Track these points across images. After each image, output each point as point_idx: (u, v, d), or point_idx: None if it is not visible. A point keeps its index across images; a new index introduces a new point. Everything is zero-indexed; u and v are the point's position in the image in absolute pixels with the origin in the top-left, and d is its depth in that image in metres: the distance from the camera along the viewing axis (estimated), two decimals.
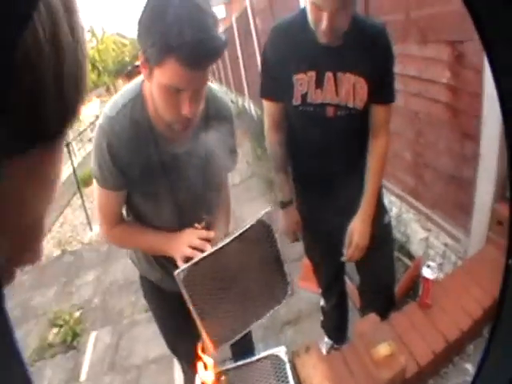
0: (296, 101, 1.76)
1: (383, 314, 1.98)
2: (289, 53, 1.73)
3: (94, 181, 1.50)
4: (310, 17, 1.61)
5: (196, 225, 1.49)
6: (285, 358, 1.58)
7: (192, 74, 1.17)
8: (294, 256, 4.08)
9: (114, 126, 1.37)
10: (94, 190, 1.54)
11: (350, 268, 2.45)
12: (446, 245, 2.83)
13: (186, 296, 1.31)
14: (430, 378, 1.83)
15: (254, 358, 1.63)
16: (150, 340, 3.70)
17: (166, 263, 1.73)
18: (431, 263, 1.94)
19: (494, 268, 2.05)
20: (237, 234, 1.34)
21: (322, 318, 2.77)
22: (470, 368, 1.83)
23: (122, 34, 40.22)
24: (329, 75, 1.70)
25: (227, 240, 1.34)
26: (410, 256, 3.33)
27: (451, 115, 2.53)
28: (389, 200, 3.50)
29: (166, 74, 1.18)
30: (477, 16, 0.44)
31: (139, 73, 1.41)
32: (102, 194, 1.51)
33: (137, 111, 1.40)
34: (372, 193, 1.87)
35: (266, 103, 1.92)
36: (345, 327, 2.65)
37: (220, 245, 1.33)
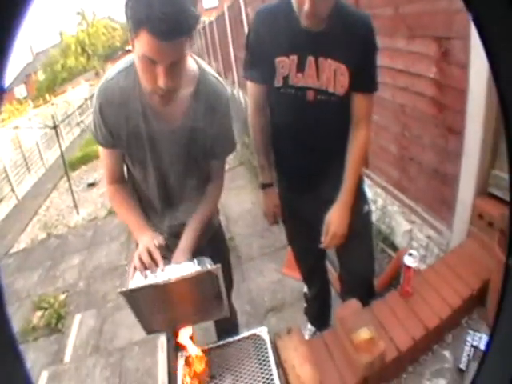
0: (278, 82, 1.78)
1: (363, 303, 2.02)
2: (272, 35, 1.75)
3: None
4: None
5: (154, 241, 1.53)
6: (266, 338, 1.61)
7: (162, 46, 1.22)
8: (279, 244, 4.15)
9: (107, 89, 1.48)
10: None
11: (333, 254, 2.48)
12: (429, 237, 2.89)
13: (126, 302, 1.41)
14: (409, 365, 1.86)
15: (235, 338, 1.67)
16: (134, 324, 3.72)
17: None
18: (413, 252, 1.96)
19: (474, 261, 2.12)
20: (182, 277, 1.39)
21: (305, 304, 2.82)
22: (449, 355, 1.88)
23: (113, 18, 39.76)
24: (310, 59, 1.71)
25: (172, 279, 1.39)
26: (394, 247, 3.38)
27: (437, 110, 2.57)
28: (374, 192, 3.55)
29: (140, 45, 1.25)
30: (477, 17, 0.46)
31: None
32: (101, 150, 1.65)
33: (129, 79, 1.47)
34: (351, 182, 1.88)
35: (249, 85, 1.94)
36: (327, 314, 2.69)
37: (163, 281, 1.39)
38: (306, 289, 2.73)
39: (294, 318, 3.08)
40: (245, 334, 1.68)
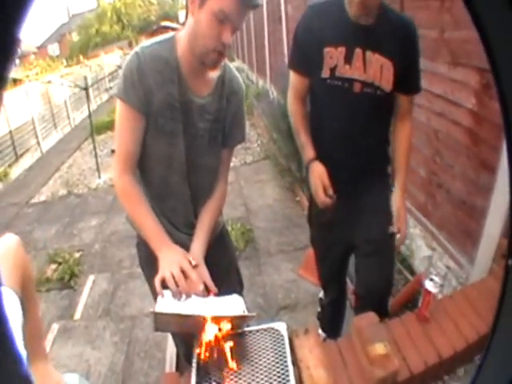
0: (325, 73, 1.83)
1: None
2: (322, 26, 1.83)
3: (118, 105, 1.57)
4: None
5: (191, 259, 1.52)
6: (284, 334, 1.61)
7: (241, 7, 1.41)
8: (297, 244, 4.21)
9: (146, 53, 1.52)
10: (117, 121, 1.60)
11: (351, 267, 2.48)
12: (448, 267, 2.90)
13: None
14: None
15: (254, 328, 1.67)
16: (146, 295, 3.82)
17: (166, 224, 1.78)
18: (434, 277, 2.00)
19: (494, 299, 2.12)
20: (216, 316, 1.43)
21: (318, 309, 2.82)
22: None
23: None
24: (358, 52, 1.78)
25: (199, 314, 1.42)
26: (412, 271, 3.38)
27: (471, 142, 2.57)
28: None
29: (220, 1, 1.37)
30: (477, 17, 0.50)
31: (162, 34, 1.62)
32: (123, 117, 1.57)
33: (167, 50, 1.55)
34: (404, 171, 2.04)
35: (292, 75, 2.00)
36: (340, 323, 2.70)
37: (192, 314, 1.42)
38: (321, 294, 2.75)
39: (306, 320, 3.08)
40: (263, 325, 1.67)
